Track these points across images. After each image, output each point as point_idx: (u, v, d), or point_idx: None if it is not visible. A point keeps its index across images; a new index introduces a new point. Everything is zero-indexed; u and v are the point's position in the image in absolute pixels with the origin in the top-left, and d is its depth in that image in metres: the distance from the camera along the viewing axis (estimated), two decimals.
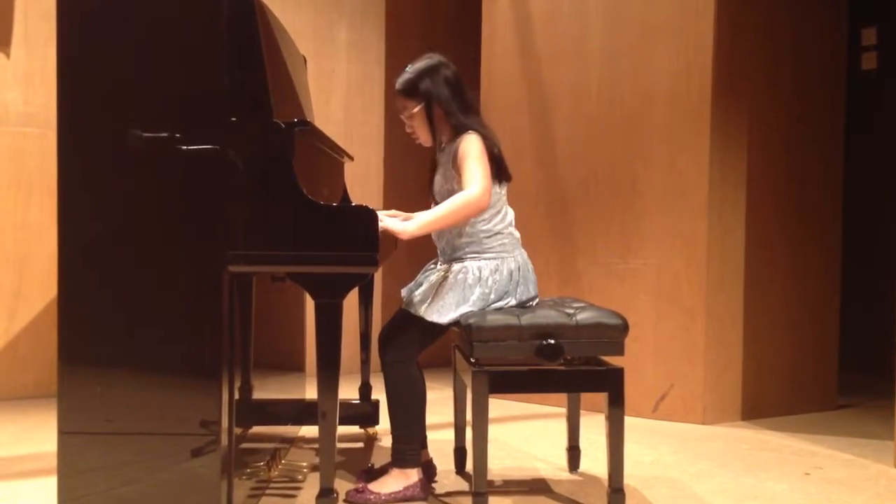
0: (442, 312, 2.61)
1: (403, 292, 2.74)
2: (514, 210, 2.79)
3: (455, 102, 2.70)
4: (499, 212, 2.72)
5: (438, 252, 2.82)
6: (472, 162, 2.61)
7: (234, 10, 2.28)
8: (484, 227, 2.70)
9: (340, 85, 4.88)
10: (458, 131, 2.69)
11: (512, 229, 2.76)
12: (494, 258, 2.69)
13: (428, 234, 2.66)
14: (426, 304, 2.63)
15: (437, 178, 2.76)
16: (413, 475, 2.67)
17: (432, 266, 2.80)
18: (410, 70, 2.73)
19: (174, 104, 2.24)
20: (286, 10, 4.40)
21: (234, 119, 2.24)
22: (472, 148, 2.63)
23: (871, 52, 4.93)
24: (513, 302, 2.68)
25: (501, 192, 2.73)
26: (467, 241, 2.71)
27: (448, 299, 2.62)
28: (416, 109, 2.71)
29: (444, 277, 2.67)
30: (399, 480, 2.66)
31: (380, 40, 4.96)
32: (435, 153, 2.79)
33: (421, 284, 2.71)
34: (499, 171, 2.69)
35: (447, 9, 5.22)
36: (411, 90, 2.71)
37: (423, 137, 2.76)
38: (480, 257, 2.69)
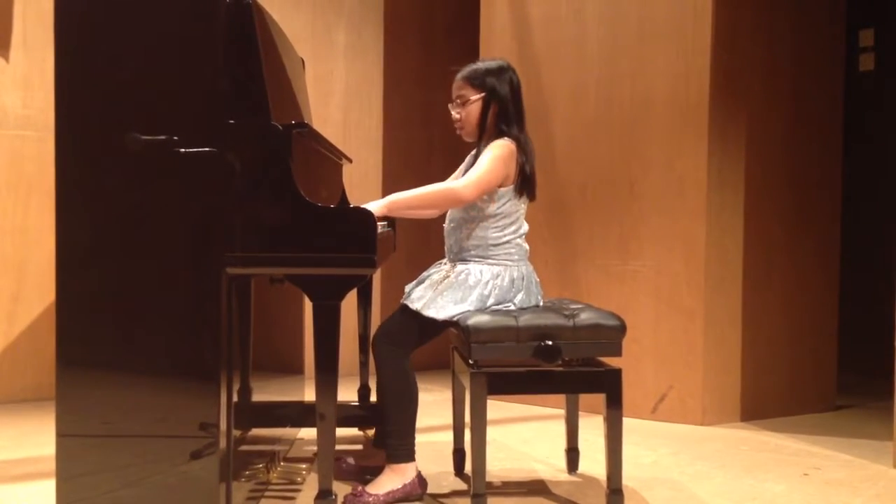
0: (438, 309, 2.61)
1: (406, 288, 2.75)
2: None
3: (512, 107, 2.73)
4: (514, 222, 2.73)
5: (446, 250, 2.83)
6: (485, 161, 2.64)
7: (232, 12, 2.29)
8: (494, 234, 2.71)
9: (339, 87, 4.88)
10: (501, 136, 2.70)
11: (521, 241, 2.77)
12: (497, 265, 2.70)
13: (399, 214, 2.67)
14: (424, 300, 2.63)
15: None
16: (409, 471, 2.66)
17: (438, 265, 2.81)
18: (480, 64, 2.78)
19: (172, 107, 2.24)
20: (284, 12, 4.40)
21: (232, 121, 2.24)
22: (496, 150, 2.65)
23: (869, 54, 4.93)
24: (512, 308, 2.68)
25: (521, 204, 2.75)
26: (475, 245, 2.72)
27: (446, 297, 2.63)
28: (474, 97, 2.73)
29: (446, 276, 2.68)
30: (395, 478, 2.64)
31: (378, 43, 4.96)
32: (477, 152, 2.77)
33: (423, 281, 2.72)
34: (523, 186, 2.71)
35: (445, 11, 5.22)
36: (477, 80, 2.74)
37: (469, 129, 2.78)
38: (484, 262, 2.70)
